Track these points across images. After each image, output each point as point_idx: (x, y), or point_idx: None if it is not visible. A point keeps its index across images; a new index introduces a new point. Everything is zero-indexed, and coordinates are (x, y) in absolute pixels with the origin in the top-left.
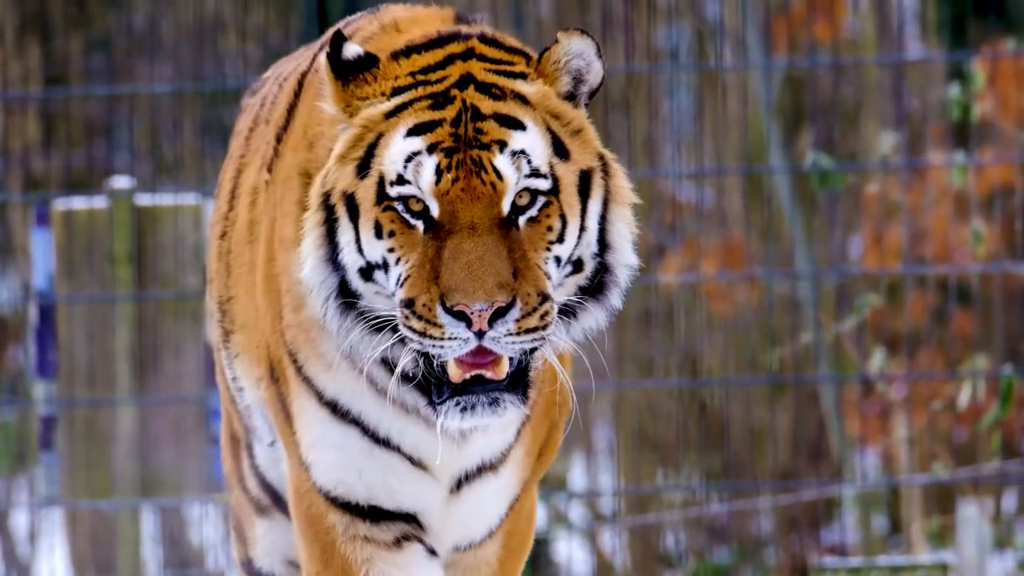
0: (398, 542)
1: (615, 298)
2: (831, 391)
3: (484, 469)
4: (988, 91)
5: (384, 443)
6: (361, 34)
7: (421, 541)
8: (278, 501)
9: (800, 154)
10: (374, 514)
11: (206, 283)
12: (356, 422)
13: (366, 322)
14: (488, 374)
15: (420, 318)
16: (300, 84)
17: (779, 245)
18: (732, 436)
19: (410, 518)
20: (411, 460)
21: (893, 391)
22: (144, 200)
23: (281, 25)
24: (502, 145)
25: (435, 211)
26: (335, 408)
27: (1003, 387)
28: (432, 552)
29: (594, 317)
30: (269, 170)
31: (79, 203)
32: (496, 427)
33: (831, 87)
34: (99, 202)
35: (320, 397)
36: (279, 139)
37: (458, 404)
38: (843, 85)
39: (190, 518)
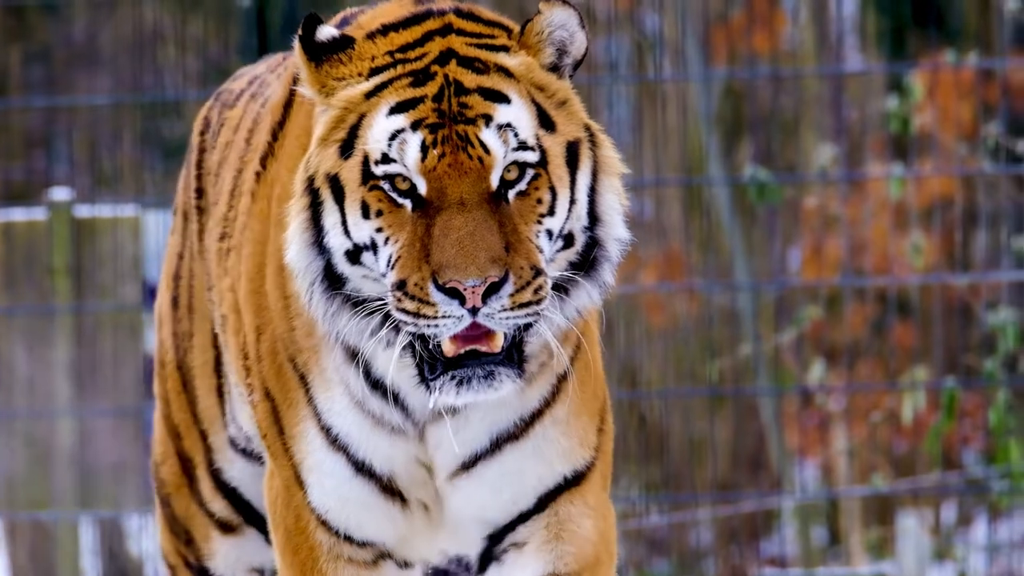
0: (375, 561)
1: (607, 274)
2: (770, 403)
3: (502, 440)
4: (927, 103)
5: (367, 472)
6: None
7: (392, 557)
8: (252, 518)
9: (739, 166)
10: (352, 539)
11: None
12: (345, 450)
13: (352, 307)
14: (483, 348)
15: (413, 298)
16: (287, 104)
17: (718, 257)
18: (671, 448)
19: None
20: (389, 490)
21: (832, 403)
22: (83, 212)
23: (220, 37)
24: (487, 119)
25: (422, 188)
26: (329, 433)
27: (946, 399)
28: (405, 564)
29: (587, 294)
30: (252, 196)
31: (18, 214)
32: (492, 403)
33: (770, 98)
34: (38, 214)
35: (318, 419)
36: (274, 134)
37: (453, 378)
38: (782, 96)
39: (129, 530)
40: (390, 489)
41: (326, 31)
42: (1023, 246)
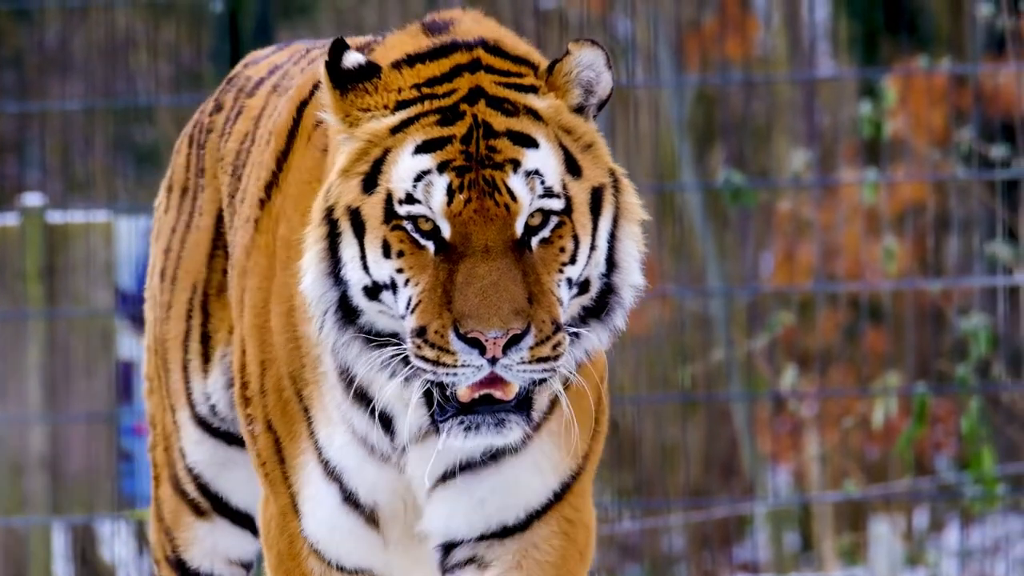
0: None
1: (619, 319)
2: (743, 409)
3: (500, 452)
4: (900, 108)
5: (353, 503)
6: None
7: None
8: (219, 506)
9: (712, 171)
10: (343, 567)
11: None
12: (339, 480)
13: (365, 341)
14: (497, 394)
15: (432, 346)
16: (299, 111)
17: (691, 262)
18: (643, 453)
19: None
20: (372, 521)
21: (805, 408)
22: (55, 217)
23: (192, 42)
24: (515, 164)
25: (446, 232)
26: (327, 466)
27: (917, 405)
28: None
29: (597, 338)
30: (256, 225)
31: None
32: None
33: (743, 104)
34: (10, 219)
35: (319, 453)
36: (279, 164)
37: (462, 423)
38: (754, 102)
39: (102, 535)
40: (373, 519)
41: (353, 57)
42: (995, 252)
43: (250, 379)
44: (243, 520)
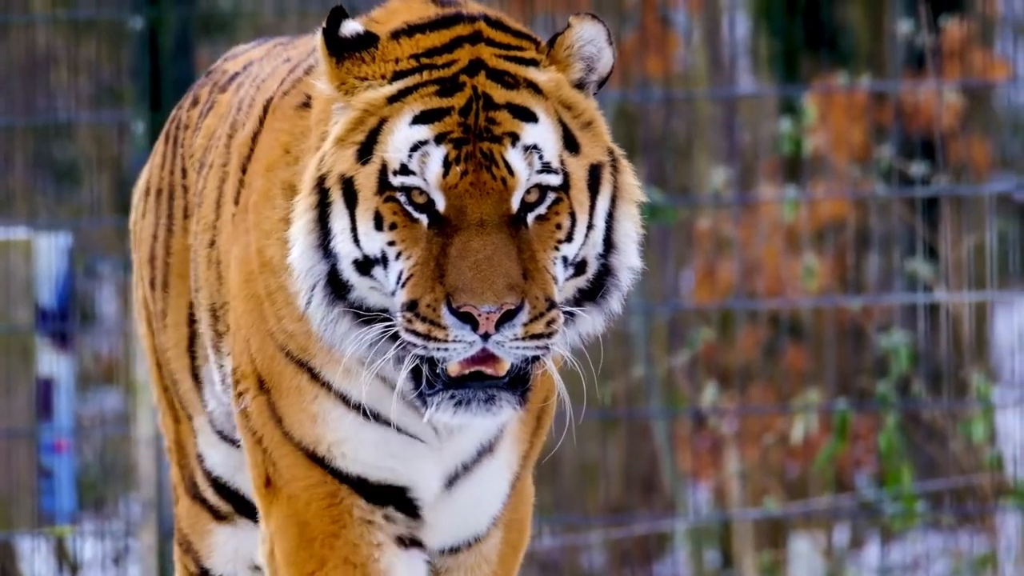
0: (402, 540)
1: (615, 303)
2: (663, 425)
3: (483, 452)
4: (820, 125)
5: (399, 430)
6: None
7: (421, 545)
8: (241, 508)
9: None
10: (394, 500)
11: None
12: (378, 418)
13: (354, 317)
14: (488, 370)
15: (424, 320)
16: (266, 110)
17: None
18: (563, 470)
19: (416, 514)
20: (427, 447)
21: (725, 425)
22: None
23: (112, 59)
24: (514, 138)
25: (441, 205)
26: (358, 407)
27: (838, 422)
28: (427, 562)
29: (592, 322)
30: (236, 202)
31: None
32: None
33: (663, 121)
34: None
35: (345, 401)
36: (244, 168)
37: (452, 397)
38: (675, 119)
39: (21, 552)
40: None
41: (351, 26)
42: (915, 269)
43: (239, 356)
44: None
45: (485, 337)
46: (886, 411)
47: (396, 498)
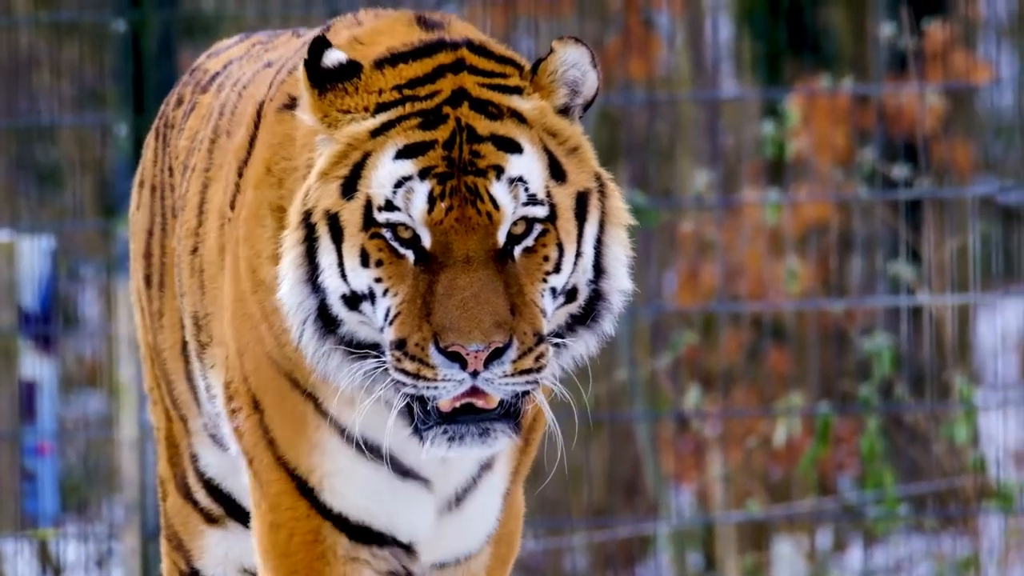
0: (394, 575)
1: (607, 325)
2: (646, 428)
3: (481, 473)
4: (803, 128)
5: (402, 473)
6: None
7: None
8: (233, 511)
9: None
10: (378, 541)
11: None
12: (376, 451)
13: (346, 352)
14: (479, 403)
15: (412, 359)
16: (259, 114)
17: None
18: (546, 473)
19: (407, 548)
20: (423, 484)
21: (708, 428)
22: None
23: (95, 62)
24: (499, 171)
25: (426, 241)
26: (356, 441)
27: (820, 425)
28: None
29: (585, 345)
30: (232, 206)
31: None
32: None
33: (646, 124)
34: None
35: (342, 432)
36: (240, 173)
37: (446, 433)
38: (658, 122)
39: (4, 554)
40: (421, 478)
41: (333, 56)
42: (898, 272)
43: (232, 372)
44: None
45: (474, 375)
46: (869, 414)
47: (385, 540)
